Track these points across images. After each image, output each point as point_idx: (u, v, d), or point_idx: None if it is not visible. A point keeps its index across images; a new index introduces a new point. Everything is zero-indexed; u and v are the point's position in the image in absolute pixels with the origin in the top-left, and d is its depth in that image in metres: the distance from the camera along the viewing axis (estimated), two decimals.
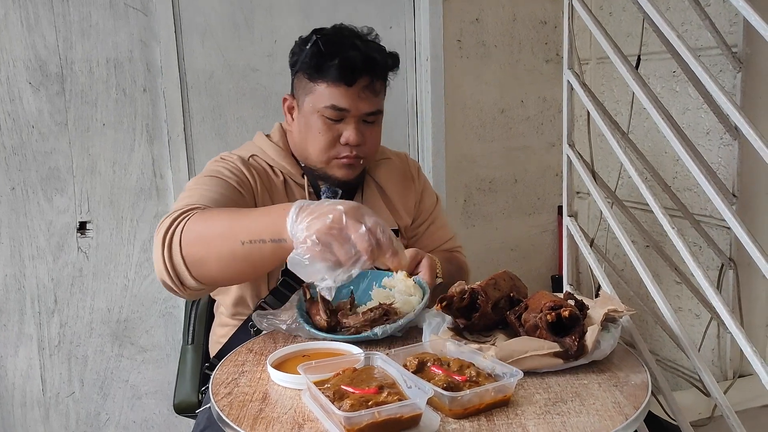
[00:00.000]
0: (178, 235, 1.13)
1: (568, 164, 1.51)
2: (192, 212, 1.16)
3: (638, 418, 0.89)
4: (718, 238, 1.74)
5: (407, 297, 1.17)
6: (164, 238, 1.13)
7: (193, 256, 1.12)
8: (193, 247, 1.11)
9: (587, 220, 2.28)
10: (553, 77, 2.29)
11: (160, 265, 1.14)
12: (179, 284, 1.14)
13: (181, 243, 1.12)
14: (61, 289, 1.90)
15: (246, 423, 0.89)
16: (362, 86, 1.31)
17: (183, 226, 1.13)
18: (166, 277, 1.14)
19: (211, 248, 1.11)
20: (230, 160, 1.37)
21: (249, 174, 1.35)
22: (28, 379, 1.91)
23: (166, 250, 1.13)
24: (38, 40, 1.79)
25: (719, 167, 1.74)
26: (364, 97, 1.32)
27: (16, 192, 1.83)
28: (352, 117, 1.33)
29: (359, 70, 1.30)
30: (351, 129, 1.33)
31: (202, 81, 1.95)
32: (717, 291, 1.12)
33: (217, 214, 1.16)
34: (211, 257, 1.11)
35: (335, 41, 1.33)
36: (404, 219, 1.50)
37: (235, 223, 1.11)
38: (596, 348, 1.01)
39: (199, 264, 1.12)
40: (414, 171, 1.56)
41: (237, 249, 1.08)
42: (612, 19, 2.07)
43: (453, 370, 0.94)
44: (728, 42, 1.63)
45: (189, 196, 1.25)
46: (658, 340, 1.99)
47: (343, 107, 1.31)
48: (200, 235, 1.12)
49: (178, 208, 1.20)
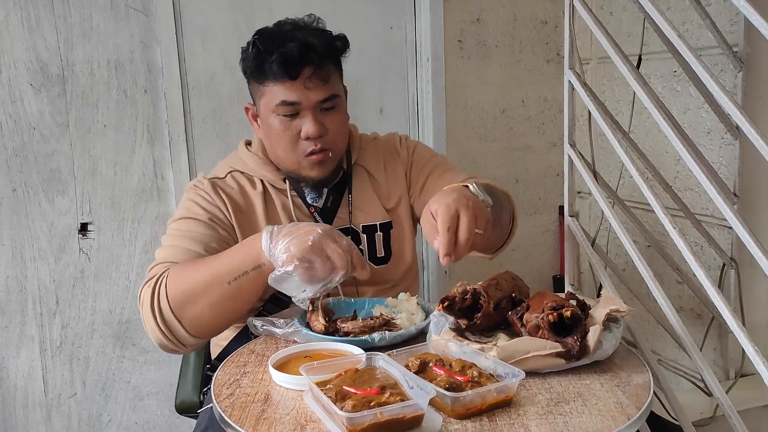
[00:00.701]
0: (165, 302, 1.19)
1: (570, 164, 1.51)
2: (165, 274, 1.22)
3: (641, 418, 0.89)
4: (720, 238, 1.74)
5: (409, 315, 1.18)
6: (152, 310, 1.20)
7: (188, 316, 1.19)
8: (184, 306, 1.19)
9: (588, 220, 2.28)
10: (553, 77, 2.29)
11: (156, 333, 1.22)
12: (179, 344, 1.22)
13: (171, 308, 1.19)
14: (62, 290, 1.90)
15: (248, 424, 0.89)
16: (307, 76, 1.28)
17: (165, 292, 1.20)
18: (166, 341, 1.22)
19: (201, 300, 1.18)
20: (202, 190, 1.37)
21: (219, 201, 1.35)
22: (30, 381, 1.91)
23: (159, 320, 1.20)
24: (39, 41, 1.79)
25: (720, 167, 1.73)
26: (311, 86, 1.29)
27: (18, 194, 1.83)
28: (306, 109, 1.30)
29: (298, 62, 1.27)
30: (308, 121, 1.30)
31: (203, 82, 1.95)
32: (719, 290, 1.12)
33: (191, 270, 1.22)
34: (204, 309, 1.18)
35: (273, 38, 1.31)
36: (394, 199, 1.45)
37: (215, 268, 1.19)
38: (598, 348, 1.01)
39: (196, 320, 1.19)
40: (397, 142, 1.51)
41: (225, 290, 1.17)
42: (613, 19, 2.07)
43: (455, 371, 0.94)
44: (729, 41, 1.63)
45: (161, 250, 1.31)
46: (659, 340, 1.98)
47: (293, 101, 1.29)
48: (185, 293, 1.19)
49: (151, 271, 1.27)
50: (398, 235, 1.45)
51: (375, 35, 2.09)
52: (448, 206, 1.04)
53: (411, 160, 1.48)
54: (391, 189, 1.46)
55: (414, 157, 1.48)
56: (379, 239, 1.42)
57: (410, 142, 1.53)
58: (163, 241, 1.34)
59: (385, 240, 1.43)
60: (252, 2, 1.97)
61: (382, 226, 1.43)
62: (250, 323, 1.21)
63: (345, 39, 1.37)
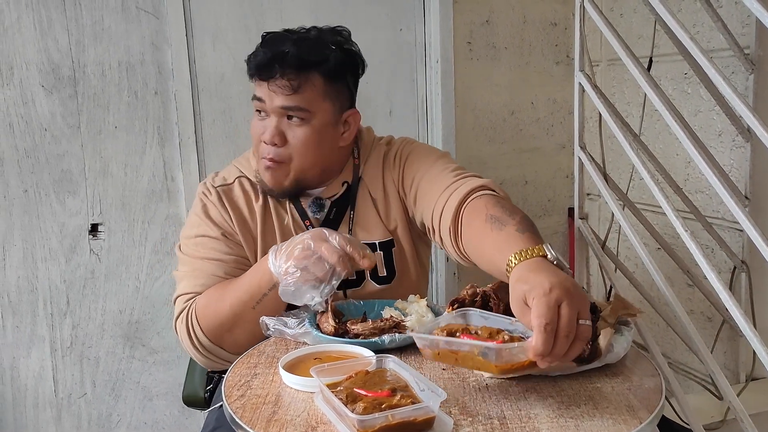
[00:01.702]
0: (202, 335, 1.27)
1: (580, 166, 1.51)
2: (193, 308, 1.28)
3: (652, 421, 0.89)
4: (731, 241, 1.73)
5: (419, 317, 1.18)
6: (193, 344, 1.28)
7: (228, 342, 1.27)
8: (222, 336, 1.27)
9: (598, 223, 2.27)
10: (563, 79, 2.28)
11: (204, 361, 1.32)
12: (228, 363, 1.23)
13: (209, 339, 1.27)
14: (73, 290, 1.91)
15: (259, 425, 0.89)
16: (275, 82, 1.27)
17: (199, 326, 1.27)
18: (216, 365, 1.33)
19: (236, 328, 1.25)
20: (211, 202, 1.37)
21: (226, 213, 1.35)
22: (41, 381, 1.92)
23: (203, 351, 1.29)
24: (51, 43, 1.81)
25: (731, 169, 1.73)
26: (278, 92, 1.28)
27: (29, 194, 1.84)
28: (272, 112, 1.30)
29: (267, 66, 1.27)
30: (268, 125, 1.30)
31: (213, 83, 1.96)
32: (730, 293, 1.12)
33: (218, 301, 1.27)
34: (240, 334, 1.26)
35: (270, 40, 1.32)
36: (394, 219, 1.40)
37: (238, 297, 1.25)
38: (609, 351, 1.01)
39: (235, 344, 1.27)
40: (393, 156, 1.42)
41: (253, 315, 1.23)
42: (623, 21, 2.06)
43: (484, 337, 0.94)
44: (740, 44, 1.62)
45: (183, 276, 1.34)
46: (670, 343, 1.98)
47: (260, 96, 1.31)
48: (219, 324, 1.26)
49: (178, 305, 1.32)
50: (400, 254, 1.40)
51: (384, 37, 2.09)
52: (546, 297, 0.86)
53: (402, 175, 1.40)
54: (389, 210, 1.40)
55: (405, 171, 1.40)
56: (380, 258, 1.38)
57: (405, 152, 1.42)
58: (181, 263, 1.37)
59: (387, 259, 1.39)
60: (262, 4, 1.97)
61: (383, 244, 1.38)
62: (262, 323, 1.21)
63: (353, 57, 1.34)
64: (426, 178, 1.33)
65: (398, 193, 1.40)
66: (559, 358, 0.86)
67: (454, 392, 0.97)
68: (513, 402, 0.93)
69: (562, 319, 0.85)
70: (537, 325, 0.84)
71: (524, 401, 0.93)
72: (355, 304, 1.29)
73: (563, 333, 0.85)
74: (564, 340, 0.85)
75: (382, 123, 2.11)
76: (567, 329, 0.85)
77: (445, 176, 1.30)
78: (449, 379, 1.02)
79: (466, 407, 0.92)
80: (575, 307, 0.86)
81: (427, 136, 2.19)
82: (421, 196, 1.34)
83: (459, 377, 1.02)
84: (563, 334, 0.85)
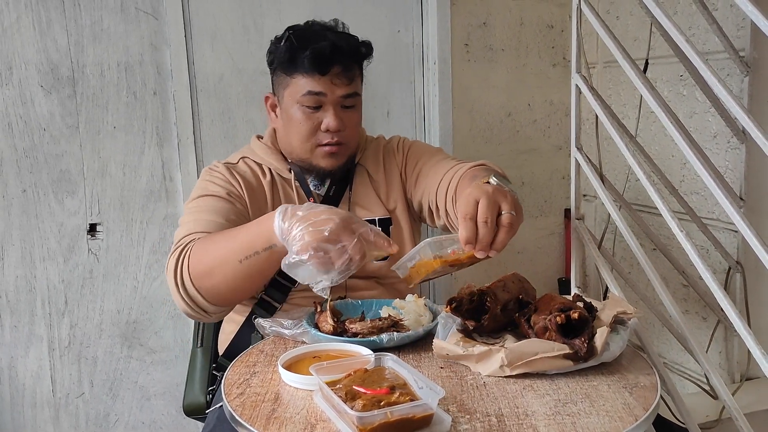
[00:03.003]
0: (186, 272, 1.24)
1: (577, 167, 1.52)
2: (190, 246, 1.26)
3: (648, 419, 0.90)
4: (726, 241, 1.75)
5: (417, 316, 1.19)
6: (175, 277, 1.25)
7: (206, 287, 1.24)
8: (202, 279, 1.23)
9: (594, 223, 2.28)
10: (559, 81, 2.29)
11: (180, 302, 1.27)
12: (203, 312, 1.27)
13: (191, 278, 1.24)
14: (71, 290, 1.91)
15: (259, 423, 0.90)
16: (335, 74, 1.38)
17: (187, 263, 1.24)
18: (189, 310, 1.27)
19: (218, 275, 1.22)
20: (217, 172, 1.46)
21: (234, 181, 1.44)
22: (39, 380, 1.92)
23: (181, 288, 1.25)
24: (50, 43, 1.81)
25: (726, 170, 1.74)
26: (338, 83, 1.39)
27: (28, 194, 1.84)
28: (329, 103, 1.39)
29: (329, 59, 1.37)
30: (330, 115, 1.39)
31: (211, 84, 1.96)
32: (725, 293, 1.13)
33: (211, 244, 1.26)
34: (220, 283, 1.22)
35: (307, 35, 1.41)
36: (394, 200, 1.52)
37: (228, 246, 1.22)
38: (605, 350, 1.02)
39: (214, 292, 1.24)
40: (395, 145, 1.58)
41: (238, 269, 1.19)
42: (619, 23, 2.07)
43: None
44: (735, 46, 1.63)
45: (185, 223, 1.35)
46: (665, 343, 1.99)
47: (319, 90, 1.38)
48: (204, 267, 1.23)
49: (177, 242, 1.31)
50: (398, 233, 1.50)
51: (382, 39, 2.10)
52: (466, 198, 1.07)
53: (405, 160, 1.55)
54: (389, 191, 1.52)
55: (408, 156, 1.55)
56: None
57: (407, 143, 1.59)
58: (182, 219, 1.38)
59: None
60: (260, 5, 1.98)
61: (381, 221, 1.49)
62: (258, 324, 1.22)
63: (370, 46, 1.47)
64: (429, 163, 1.48)
65: (400, 176, 1.53)
66: (488, 246, 1.04)
67: (452, 390, 0.98)
68: (510, 399, 0.94)
69: (480, 210, 1.04)
70: (461, 218, 1.05)
71: (521, 399, 0.94)
72: (354, 303, 1.30)
73: (481, 219, 1.04)
74: (484, 227, 1.03)
75: (380, 123, 2.12)
76: (483, 216, 1.04)
77: (448, 162, 1.45)
78: (447, 377, 1.03)
79: (464, 405, 0.93)
80: (493, 201, 1.06)
81: (424, 137, 2.20)
82: (423, 176, 1.47)
83: (457, 375, 1.03)
84: (481, 220, 1.04)
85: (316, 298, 1.26)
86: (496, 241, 1.05)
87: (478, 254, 1.05)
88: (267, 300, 1.43)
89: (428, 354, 1.11)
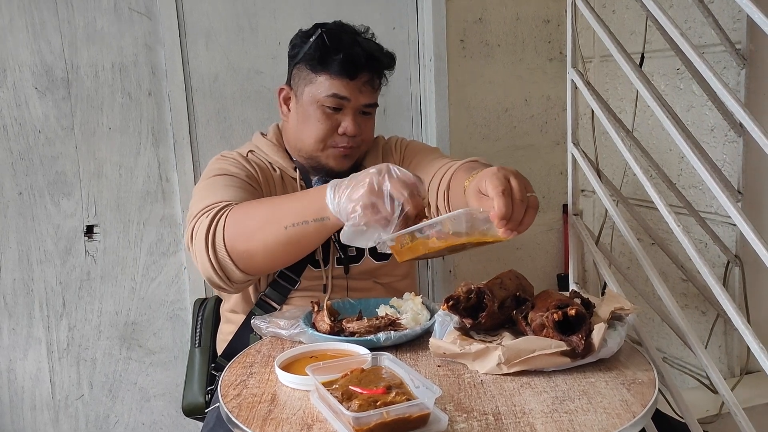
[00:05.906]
0: (220, 233, 1.19)
1: (573, 162, 1.51)
2: (227, 208, 1.21)
3: (646, 415, 0.89)
4: (724, 235, 1.74)
5: (415, 315, 1.19)
6: (207, 238, 1.19)
7: (239, 250, 1.18)
8: (237, 241, 1.18)
9: (592, 218, 2.28)
10: (556, 76, 2.29)
11: (206, 264, 1.21)
12: (227, 280, 1.22)
13: (225, 240, 1.18)
14: (69, 292, 1.91)
15: (255, 424, 0.89)
16: (363, 81, 1.40)
17: (224, 223, 1.19)
18: (213, 275, 1.21)
19: (257, 239, 1.17)
20: (231, 157, 1.45)
21: (251, 167, 1.42)
22: (38, 383, 1.92)
23: (210, 250, 1.19)
24: (44, 45, 1.80)
25: (724, 164, 1.73)
26: (364, 90, 1.41)
27: (24, 197, 1.84)
28: (350, 108, 1.40)
29: (362, 66, 1.38)
30: (349, 120, 1.40)
31: (206, 84, 1.96)
32: (723, 288, 1.12)
33: (255, 206, 1.22)
34: (258, 248, 1.18)
35: (339, 37, 1.41)
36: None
37: (276, 210, 1.18)
38: (603, 346, 1.02)
39: (246, 257, 1.18)
40: (393, 144, 1.62)
41: (281, 234, 1.15)
42: (615, 17, 2.07)
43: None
44: (732, 39, 1.63)
45: (207, 197, 1.28)
46: (664, 338, 1.99)
47: (344, 95, 1.38)
48: (243, 228, 1.18)
49: (207, 205, 1.24)
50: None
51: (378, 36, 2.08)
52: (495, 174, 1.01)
53: (402, 158, 1.57)
54: None
55: (405, 155, 1.58)
56: None
57: (405, 143, 1.62)
58: (200, 194, 1.31)
59: None
60: (255, 4, 1.97)
61: None
62: (255, 325, 1.22)
63: (393, 58, 1.50)
64: (424, 161, 1.49)
65: None
66: (518, 226, 1.00)
67: (449, 389, 0.97)
68: (508, 398, 0.94)
69: (513, 186, 1.00)
70: (496, 193, 0.98)
71: (519, 397, 0.94)
72: (351, 302, 1.30)
73: (518, 197, 1.00)
74: (519, 204, 0.99)
75: (377, 121, 2.10)
76: (520, 194, 1.00)
77: (441, 159, 1.47)
78: (444, 375, 1.02)
79: (461, 403, 0.93)
80: (522, 180, 1.02)
81: (421, 134, 2.20)
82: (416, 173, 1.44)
83: (454, 374, 1.03)
84: (518, 198, 0.99)
85: (314, 298, 1.26)
86: (523, 222, 1.02)
87: (505, 234, 1.00)
88: (266, 301, 1.42)
89: (426, 352, 1.11)
